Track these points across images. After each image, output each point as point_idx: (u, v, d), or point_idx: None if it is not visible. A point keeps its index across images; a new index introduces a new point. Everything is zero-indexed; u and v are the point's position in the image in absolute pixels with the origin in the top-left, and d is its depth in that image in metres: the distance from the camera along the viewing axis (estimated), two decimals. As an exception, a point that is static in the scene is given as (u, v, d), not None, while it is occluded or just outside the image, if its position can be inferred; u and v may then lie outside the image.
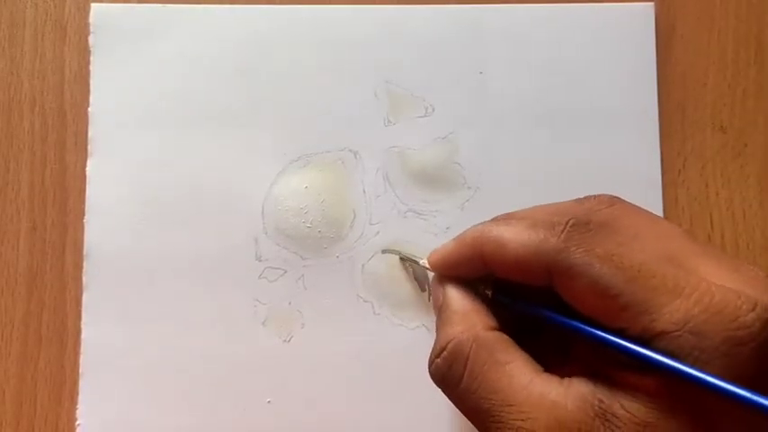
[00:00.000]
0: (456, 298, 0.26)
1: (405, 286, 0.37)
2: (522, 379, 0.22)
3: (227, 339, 0.36)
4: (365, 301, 0.37)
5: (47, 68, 0.38)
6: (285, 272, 0.37)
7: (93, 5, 0.38)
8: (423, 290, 0.36)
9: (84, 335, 0.36)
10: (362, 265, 0.37)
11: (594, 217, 0.23)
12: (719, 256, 0.22)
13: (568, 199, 0.27)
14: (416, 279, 0.37)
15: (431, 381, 0.36)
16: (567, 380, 0.22)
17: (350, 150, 0.38)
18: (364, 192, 0.38)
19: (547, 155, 0.38)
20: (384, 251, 0.37)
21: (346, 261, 0.37)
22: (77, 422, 0.36)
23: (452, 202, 0.37)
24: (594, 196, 0.25)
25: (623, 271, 0.21)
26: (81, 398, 0.36)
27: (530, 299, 0.25)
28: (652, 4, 0.39)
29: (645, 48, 0.39)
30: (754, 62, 0.39)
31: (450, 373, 0.24)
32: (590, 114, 0.38)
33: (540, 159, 0.38)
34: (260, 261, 0.37)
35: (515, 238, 0.24)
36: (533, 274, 0.23)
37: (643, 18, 0.39)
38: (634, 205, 0.24)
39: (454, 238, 0.27)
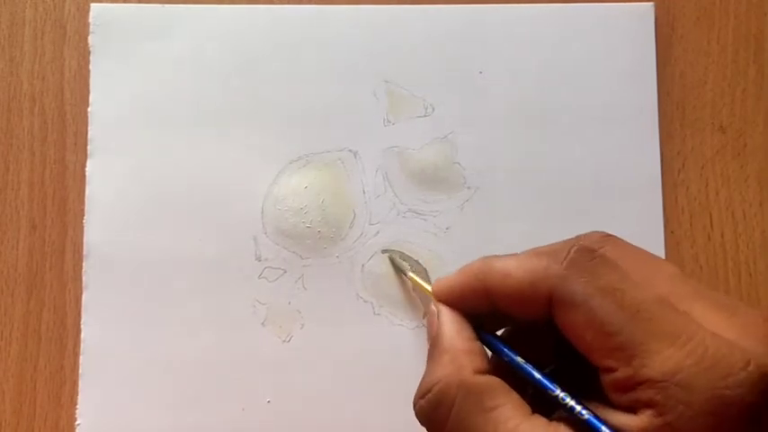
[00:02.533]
0: (449, 335, 0.25)
1: (404, 286, 0.37)
2: (508, 424, 0.22)
3: (228, 339, 0.36)
4: (365, 301, 0.37)
5: (47, 68, 0.38)
6: (285, 272, 0.37)
7: (93, 5, 0.38)
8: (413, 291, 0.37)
9: (84, 335, 0.36)
10: (362, 265, 0.37)
11: (597, 247, 0.23)
12: (716, 298, 0.22)
13: (568, 199, 0.27)
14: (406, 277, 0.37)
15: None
16: (554, 424, 0.21)
17: (350, 150, 0.38)
18: (364, 192, 0.38)
19: (546, 154, 0.38)
20: (384, 251, 0.37)
21: (346, 261, 0.37)
22: (77, 422, 0.36)
23: (452, 202, 0.37)
24: (590, 232, 0.24)
25: (623, 309, 0.21)
26: (81, 398, 0.36)
27: (527, 339, 0.25)
28: (652, 4, 0.39)
29: (645, 48, 0.39)
30: (753, 62, 0.39)
31: (436, 416, 0.23)
32: (590, 114, 0.38)
33: (540, 159, 0.38)
34: (260, 261, 0.37)
35: (519, 266, 0.23)
36: (534, 304, 0.23)
37: (643, 18, 0.39)
38: (628, 242, 0.24)
39: (459, 269, 0.26)
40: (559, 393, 0.22)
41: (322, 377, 0.36)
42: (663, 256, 0.37)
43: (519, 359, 0.24)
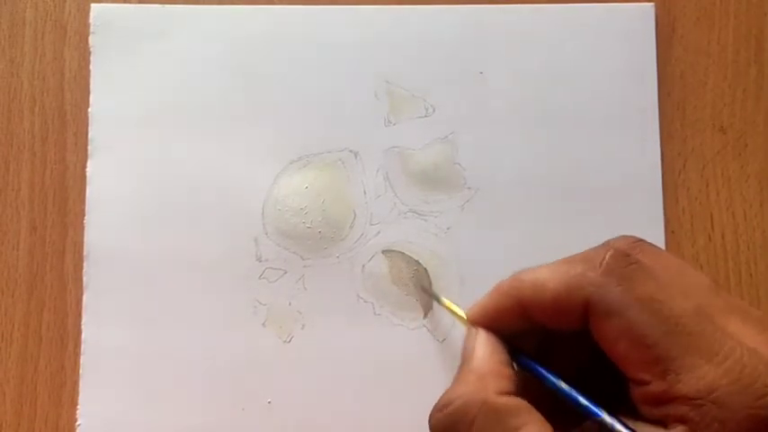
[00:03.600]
0: (479, 356, 0.24)
1: (405, 286, 0.37)
2: None
3: (228, 340, 0.36)
4: (365, 302, 0.37)
5: (47, 69, 0.38)
6: (285, 272, 0.37)
7: (93, 5, 0.38)
8: (416, 297, 0.36)
9: (84, 335, 0.36)
10: (363, 266, 0.37)
11: (633, 251, 0.23)
12: (749, 311, 0.22)
13: (568, 199, 0.27)
14: (414, 284, 0.37)
15: (431, 381, 0.36)
16: None
17: (350, 150, 0.38)
18: (364, 192, 0.38)
19: (547, 155, 0.38)
20: (384, 252, 0.37)
21: (346, 261, 0.37)
22: (77, 422, 0.36)
23: (452, 203, 0.37)
24: (620, 237, 0.24)
25: (662, 321, 0.21)
26: (81, 398, 0.36)
27: (563, 349, 0.24)
28: (652, 4, 0.39)
29: (645, 48, 0.39)
30: (754, 62, 0.39)
31: (453, 430, 0.23)
32: (590, 114, 0.38)
33: (540, 159, 0.38)
34: (260, 261, 0.37)
35: (552, 275, 0.23)
36: (570, 313, 0.22)
37: (643, 18, 0.39)
38: (659, 248, 0.24)
39: (491, 289, 0.25)
40: (606, 418, 0.21)
41: (322, 377, 0.36)
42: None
43: (561, 384, 0.23)
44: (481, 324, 0.25)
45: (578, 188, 0.38)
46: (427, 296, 0.36)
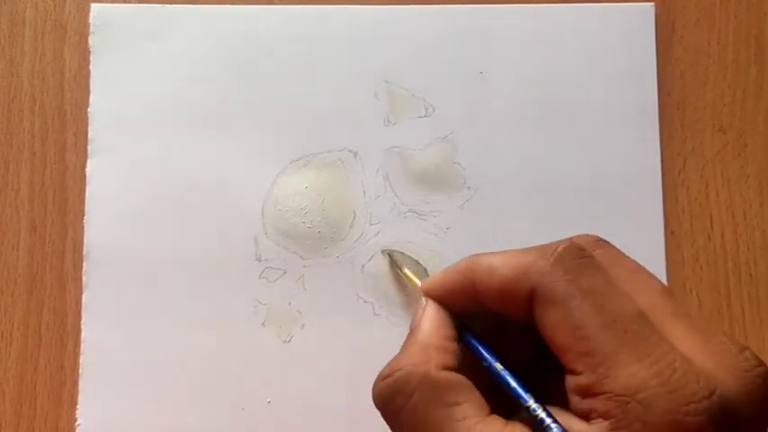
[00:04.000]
0: (426, 328, 0.25)
1: (404, 287, 0.37)
2: (465, 422, 0.22)
3: (227, 339, 0.36)
4: (365, 302, 0.37)
5: (47, 69, 0.38)
6: (285, 272, 0.37)
7: (93, 5, 0.38)
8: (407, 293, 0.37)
9: (84, 335, 0.36)
10: (362, 266, 0.37)
11: (589, 247, 0.23)
12: (695, 321, 0.22)
13: (568, 199, 0.27)
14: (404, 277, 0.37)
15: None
16: (510, 424, 0.22)
17: (350, 150, 0.38)
18: (364, 192, 0.38)
19: (547, 155, 0.38)
20: (384, 251, 0.37)
21: (346, 261, 0.37)
22: (77, 422, 0.36)
23: (452, 203, 0.37)
24: (584, 234, 0.24)
25: (601, 315, 0.21)
26: (81, 398, 0.36)
27: (511, 338, 0.25)
28: (652, 4, 0.39)
29: (645, 48, 0.39)
30: (754, 62, 0.39)
31: (393, 401, 0.23)
32: (590, 114, 0.38)
33: (540, 159, 0.38)
34: (260, 261, 0.37)
35: (505, 261, 0.23)
36: (516, 300, 0.23)
37: (643, 18, 0.39)
38: (619, 250, 0.24)
39: (450, 266, 0.26)
40: (531, 404, 0.22)
41: (322, 377, 0.36)
42: (663, 257, 0.37)
43: (496, 365, 0.23)
44: (433, 297, 0.26)
45: (578, 188, 0.38)
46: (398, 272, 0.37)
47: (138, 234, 0.37)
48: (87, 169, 0.37)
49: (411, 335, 0.25)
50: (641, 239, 0.37)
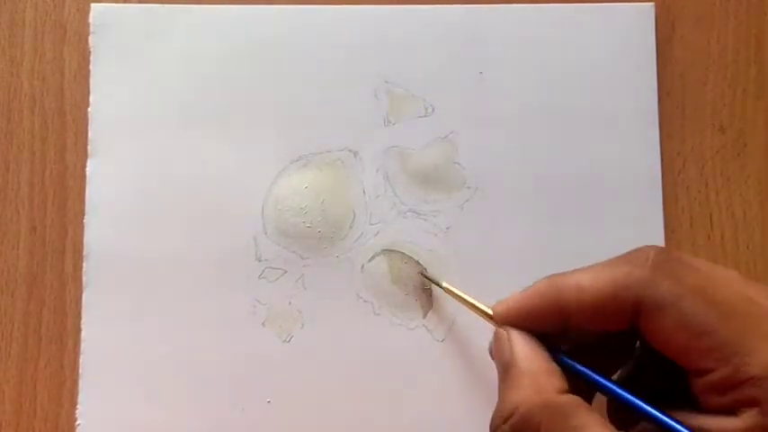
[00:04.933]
0: (525, 356, 0.24)
1: (405, 286, 0.37)
2: None
3: (227, 339, 0.36)
4: (365, 301, 0.37)
5: (47, 69, 0.38)
6: (285, 272, 0.37)
7: (93, 5, 0.38)
8: (415, 296, 0.36)
9: (84, 335, 0.36)
10: (362, 265, 0.37)
11: (670, 253, 0.23)
12: None
13: (568, 199, 0.26)
14: (412, 283, 0.37)
15: (430, 380, 0.36)
16: None
17: (350, 150, 0.38)
18: (364, 192, 0.38)
19: (547, 155, 0.38)
20: (384, 251, 0.37)
21: (346, 261, 0.37)
22: (77, 422, 0.36)
23: (452, 202, 0.37)
24: (646, 245, 0.24)
25: (716, 306, 0.21)
26: (81, 398, 0.36)
27: (602, 357, 0.24)
28: (652, 4, 0.39)
29: (645, 48, 0.39)
30: (754, 62, 0.39)
31: None
32: (590, 114, 0.38)
33: (540, 159, 0.38)
34: (260, 261, 0.37)
35: (595, 279, 0.23)
36: (614, 315, 0.22)
37: (643, 18, 0.39)
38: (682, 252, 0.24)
39: (523, 289, 0.25)
40: (659, 415, 0.21)
41: (322, 377, 0.36)
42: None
43: (604, 380, 0.23)
44: (512, 324, 0.25)
45: (578, 188, 0.38)
46: (428, 294, 0.36)
47: (138, 234, 0.37)
48: (87, 169, 0.37)
49: (510, 368, 0.24)
50: (641, 239, 0.37)
